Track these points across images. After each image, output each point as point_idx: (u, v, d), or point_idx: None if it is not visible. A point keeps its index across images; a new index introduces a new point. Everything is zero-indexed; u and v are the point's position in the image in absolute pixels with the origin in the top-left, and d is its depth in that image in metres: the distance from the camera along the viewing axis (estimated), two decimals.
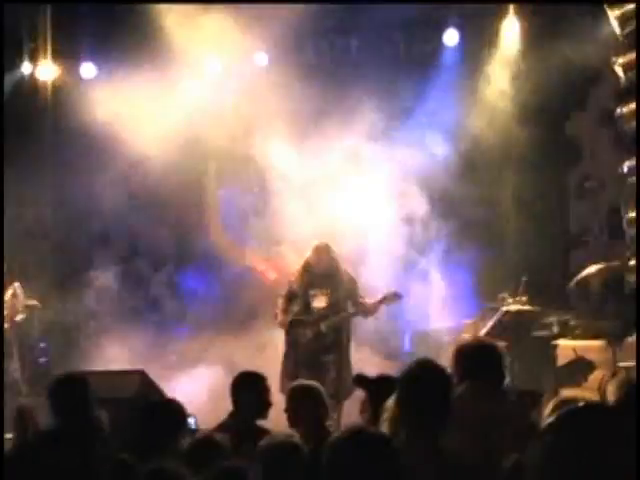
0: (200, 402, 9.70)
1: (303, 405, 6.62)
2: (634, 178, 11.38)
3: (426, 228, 13.39)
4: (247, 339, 12.48)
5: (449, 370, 4.91)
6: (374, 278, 12.07)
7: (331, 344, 10.51)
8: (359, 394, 6.25)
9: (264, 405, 6.86)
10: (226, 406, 7.07)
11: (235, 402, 6.83)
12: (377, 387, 5.89)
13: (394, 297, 10.81)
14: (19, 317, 12.42)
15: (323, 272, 10.69)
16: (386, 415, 4.87)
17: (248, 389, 6.84)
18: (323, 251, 10.78)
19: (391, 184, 13.17)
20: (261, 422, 6.87)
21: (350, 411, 9.07)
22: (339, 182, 13.37)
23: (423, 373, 4.65)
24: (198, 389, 11.30)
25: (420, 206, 13.21)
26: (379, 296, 10.78)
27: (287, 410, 6.72)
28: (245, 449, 5.57)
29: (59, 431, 5.94)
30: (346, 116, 13.16)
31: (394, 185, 13.17)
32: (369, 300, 10.73)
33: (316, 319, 10.54)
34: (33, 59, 14.47)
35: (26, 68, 14.55)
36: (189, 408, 6.32)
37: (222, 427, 6.64)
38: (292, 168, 13.39)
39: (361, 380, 5.97)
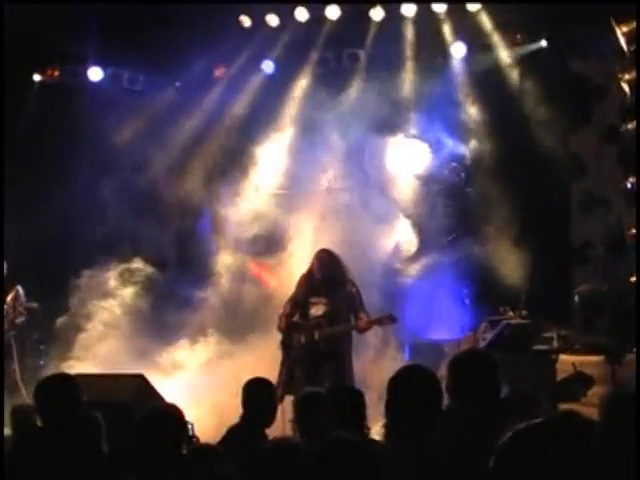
0: (197, 408, 9.69)
1: (310, 414, 6.57)
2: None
3: (428, 239, 13.43)
4: (247, 346, 12.47)
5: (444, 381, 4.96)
6: (374, 285, 12.06)
7: (328, 353, 10.40)
8: None
9: (273, 412, 6.85)
10: (224, 413, 7.06)
11: (245, 407, 6.80)
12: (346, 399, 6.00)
13: (389, 320, 10.67)
14: (19, 319, 12.43)
15: (325, 280, 10.59)
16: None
17: (260, 395, 6.82)
18: (324, 257, 10.68)
19: (392, 193, 13.23)
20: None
21: None
22: (341, 187, 13.43)
23: (407, 375, 4.81)
24: (195, 395, 11.28)
25: (421, 219, 13.29)
26: (375, 316, 10.67)
27: (294, 420, 6.70)
28: (253, 453, 5.55)
29: (43, 432, 5.87)
30: (351, 122, 13.20)
31: (395, 194, 13.24)
32: (365, 316, 10.57)
33: (311, 327, 10.47)
34: (41, 63, 14.53)
35: (33, 72, 14.61)
36: (186, 414, 6.30)
37: (233, 430, 6.65)
38: (296, 174, 13.41)
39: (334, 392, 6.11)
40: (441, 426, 4.69)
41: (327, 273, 10.59)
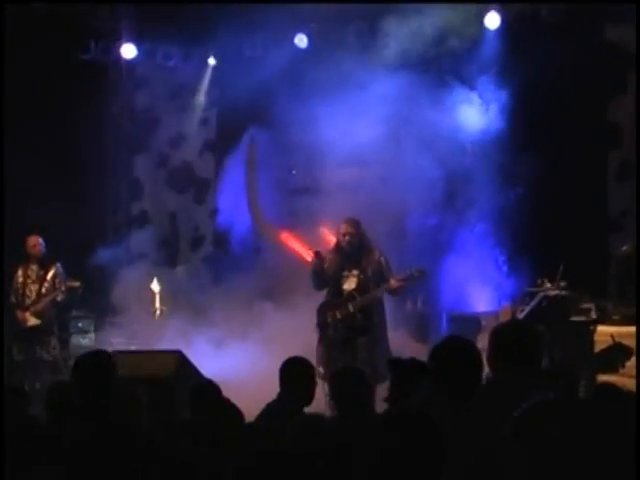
0: (237, 383, 9.72)
1: (348, 389, 6.53)
2: None
3: (465, 209, 13.41)
4: (284, 320, 12.49)
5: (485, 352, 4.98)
6: (411, 258, 12.02)
7: (363, 326, 10.38)
8: None
9: (311, 392, 6.84)
10: (262, 387, 7.08)
11: (283, 387, 6.79)
12: (406, 371, 5.95)
13: (419, 274, 10.54)
14: (60, 297, 12.52)
15: (354, 251, 10.54)
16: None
17: (297, 376, 6.81)
18: (349, 227, 10.60)
19: (432, 164, 13.19)
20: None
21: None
22: (379, 160, 13.37)
23: (450, 343, 4.95)
24: (234, 369, 11.31)
25: (461, 187, 13.27)
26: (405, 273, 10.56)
27: (332, 396, 6.69)
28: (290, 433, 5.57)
29: (79, 407, 5.90)
30: (386, 95, 13.12)
31: (435, 165, 13.21)
32: (397, 278, 10.48)
33: (345, 300, 10.47)
34: (75, 41, 14.57)
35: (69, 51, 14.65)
36: (224, 389, 6.35)
37: (269, 409, 6.66)
38: (331, 147, 13.38)
39: (393, 364, 6.05)
40: (481, 397, 4.71)
41: (356, 243, 10.53)
